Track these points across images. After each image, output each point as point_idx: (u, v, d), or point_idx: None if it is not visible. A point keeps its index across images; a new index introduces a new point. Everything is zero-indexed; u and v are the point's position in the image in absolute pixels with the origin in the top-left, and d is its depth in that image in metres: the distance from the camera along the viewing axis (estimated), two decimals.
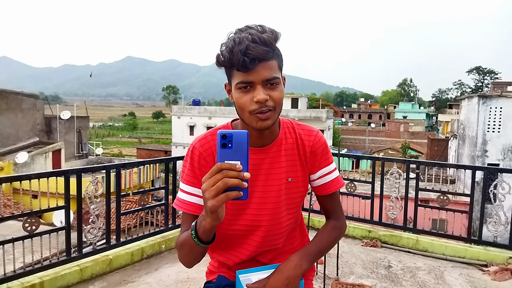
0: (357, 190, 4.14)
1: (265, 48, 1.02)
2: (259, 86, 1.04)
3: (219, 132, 0.91)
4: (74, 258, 2.96)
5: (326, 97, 79.05)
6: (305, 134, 1.23)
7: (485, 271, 3.29)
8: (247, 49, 1.00)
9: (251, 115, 1.06)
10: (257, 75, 1.03)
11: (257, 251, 1.23)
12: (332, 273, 3.13)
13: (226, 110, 30.22)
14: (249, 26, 1.07)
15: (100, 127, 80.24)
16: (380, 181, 4.02)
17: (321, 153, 1.24)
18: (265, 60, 1.03)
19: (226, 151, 0.90)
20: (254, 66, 1.02)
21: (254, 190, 1.18)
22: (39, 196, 2.44)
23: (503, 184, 3.41)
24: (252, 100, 1.04)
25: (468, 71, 63.45)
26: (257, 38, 1.02)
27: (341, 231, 1.29)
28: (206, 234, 0.97)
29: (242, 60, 1.00)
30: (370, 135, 43.79)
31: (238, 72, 1.04)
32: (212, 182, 0.87)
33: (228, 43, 1.04)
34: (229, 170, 0.88)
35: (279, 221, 1.22)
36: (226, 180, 0.86)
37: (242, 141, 0.91)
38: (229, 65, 1.05)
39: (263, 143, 1.18)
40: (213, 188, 0.87)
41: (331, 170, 1.26)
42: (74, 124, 19.44)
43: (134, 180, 6.43)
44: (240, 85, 1.05)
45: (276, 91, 1.06)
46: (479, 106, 13.56)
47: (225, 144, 0.90)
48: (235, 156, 0.90)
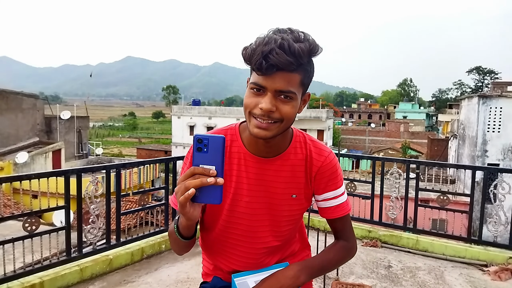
0: (357, 190, 4.15)
1: (289, 58, 0.94)
2: (270, 94, 0.98)
3: (195, 135, 0.91)
4: (74, 258, 2.96)
5: (326, 97, 79.02)
6: (316, 153, 1.15)
7: (485, 271, 3.29)
8: (269, 53, 0.93)
9: (250, 116, 1.02)
10: (272, 82, 0.97)
11: (251, 263, 1.19)
12: (332, 273, 3.12)
13: (226, 110, 30.23)
14: (291, 30, 0.99)
15: (100, 127, 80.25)
16: (380, 181, 4.02)
17: (329, 176, 1.15)
18: (285, 71, 0.96)
19: (202, 155, 0.90)
20: (271, 72, 0.95)
21: (254, 201, 1.14)
22: (39, 196, 2.44)
23: (503, 184, 3.41)
24: (258, 104, 0.99)
25: (468, 71, 63.41)
26: (286, 45, 0.94)
27: (349, 253, 1.22)
28: (184, 231, 1.03)
29: (260, 63, 0.94)
30: (370, 135, 43.78)
31: (255, 73, 0.99)
32: (182, 185, 0.89)
33: (258, 40, 0.98)
34: (202, 175, 0.88)
35: (278, 234, 1.19)
36: (188, 183, 0.88)
37: (217, 146, 0.90)
38: (248, 61, 1.00)
39: (268, 153, 1.12)
40: (181, 190, 0.88)
41: (338, 194, 1.17)
42: (74, 124, 19.43)
43: (134, 180, 6.42)
44: (253, 86, 1.00)
45: (287, 105, 0.99)
46: (479, 106, 13.55)
47: (201, 148, 0.89)
48: (210, 161, 0.89)
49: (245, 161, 1.12)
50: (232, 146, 1.14)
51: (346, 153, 5.20)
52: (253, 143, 1.11)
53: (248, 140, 1.12)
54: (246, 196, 1.13)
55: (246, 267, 1.19)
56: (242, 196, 1.13)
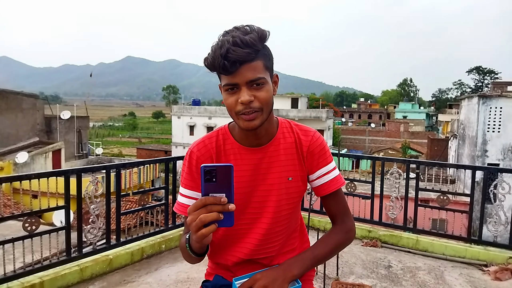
0: (357, 190, 4.15)
1: (245, 50, 1.02)
2: (244, 88, 1.05)
3: (203, 166, 0.92)
4: (74, 258, 2.96)
5: (326, 97, 79.02)
6: (302, 135, 1.23)
7: (485, 271, 3.29)
8: (228, 53, 1.01)
9: (237, 116, 1.09)
10: (241, 76, 1.04)
11: (257, 250, 1.23)
12: (332, 273, 3.13)
13: (226, 110, 30.17)
14: (237, 27, 1.07)
15: (100, 127, 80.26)
16: (380, 181, 4.02)
17: (318, 153, 1.23)
18: (248, 62, 1.03)
19: (211, 185, 0.92)
20: (236, 69, 1.03)
21: (254, 190, 1.19)
22: (39, 196, 2.44)
23: (503, 184, 3.41)
24: (237, 101, 1.06)
25: (468, 71, 63.44)
26: (238, 40, 1.01)
27: (347, 236, 1.25)
28: (197, 250, 1.06)
29: (223, 64, 1.01)
30: (370, 135, 43.78)
31: (222, 75, 1.07)
32: (195, 216, 0.91)
33: (213, 47, 1.05)
34: (213, 204, 0.91)
35: (279, 219, 1.23)
36: (203, 217, 0.90)
37: (226, 174, 0.92)
38: (212, 68, 1.06)
39: (259, 142, 1.18)
40: (194, 224, 0.91)
41: (330, 169, 1.24)
42: (74, 124, 19.44)
43: (134, 180, 6.43)
44: (226, 87, 1.07)
45: (261, 91, 1.07)
46: (479, 106, 13.56)
47: (210, 179, 0.92)
48: (220, 189, 0.92)
49: (240, 154, 1.19)
50: (225, 144, 1.21)
51: (346, 153, 5.19)
52: (244, 137, 1.18)
53: (239, 135, 1.19)
54: (247, 187, 1.18)
55: (251, 254, 1.23)
56: (243, 189, 1.18)
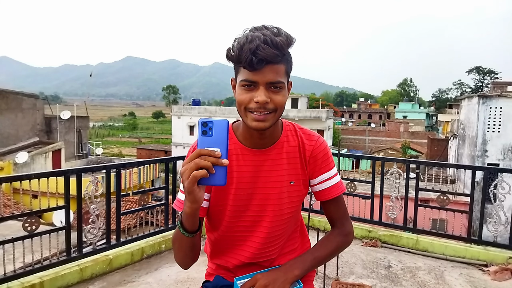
0: (357, 190, 4.14)
1: (275, 51, 1.02)
2: (262, 88, 1.05)
3: (200, 119, 0.95)
4: (74, 258, 2.96)
5: (326, 97, 79.02)
6: (306, 139, 1.23)
7: (485, 271, 3.29)
8: (257, 49, 1.00)
9: (246, 112, 1.08)
10: (262, 76, 1.03)
11: (257, 253, 1.23)
12: (332, 273, 3.13)
13: (226, 110, 30.20)
14: (266, 26, 1.07)
15: (100, 127, 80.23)
16: (380, 181, 4.02)
17: (321, 158, 1.22)
18: (273, 63, 1.03)
19: (206, 138, 0.94)
20: (261, 67, 1.02)
21: (255, 192, 1.18)
22: (39, 196, 2.43)
23: (503, 184, 3.41)
24: (252, 99, 1.05)
25: (468, 71, 63.40)
26: (269, 39, 1.02)
27: (345, 239, 1.27)
28: (189, 221, 1.02)
29: (250, 59, 1.01)
30: (370, 135, 43.77)
31: (244, 70, 1.05)
32: (188, 165, 0.92)
33: (240, 39, 1.04)
34: (207, 155, 0.92)
35: (280, 222, 1.22)
36: (197, 161, 0.91)
37: (222, 130, 0.94)
38: (236, 61, 1.06)
39: (263, 144, 1.18)
40: (188, 170, 0.91)
41: (331, 175, 1.24)
42: (74, 124, 19.43)
43: (134, 180, 6.42)
44: (244, 83, 1.06)
45: (278, 95, 1.07)
46: (479, 106, 13.55)
47: (206, 132, 0.94)
48: (215, 143, 0.94)
49: (243, 155, 1.18)
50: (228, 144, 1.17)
51: (346, 153, 5.19)
52: (249, 137, 1.17)
53: (243, 135, 1.18)
54: (248, 189, 1.18)
55: (254, 258, 1.23)
56: (244, 190, 1.17)
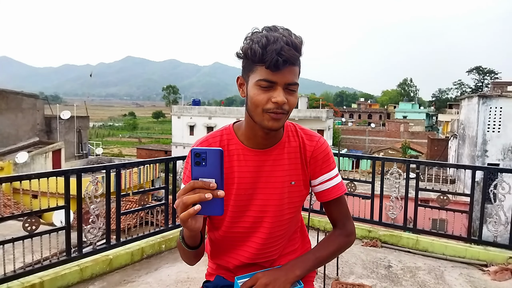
0: (357, 190, 4.15)
1: (296, 53, 1.04)
2: (280, 88, 1.05)
3: (192, 149, 0.91)
4: (74, 258, 2.96)
5: (326, 97, 79.03)
6: (307, 139, 1.22)
7: (485, 271, 3.29)
8: (282, 50, 1.00)
9: (263, 113, 1.06)
10: (282, 77, 1.04)
11: (258, 254, 1.22)
12: (332, 273, 3.13)
13: (226, 110, 30.21)
14: (277, 27, 1.07)
15: (100, 127, 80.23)
16: (380, 181, 4.02)
17: (322, 159, 1.22)
18: (293, 65, 1.05)
19: (200, 168, 0.90)
20: (284, 67, 1.03)
21: (256, 192, 1.18)
22: (39, 196, 2.43)
23: (503, 184, 3.41)
24: (270, 99, 1.05)
25: (468, 71, 63.40)
26: (290, 41, 1.03)
27: (348, 239, 1.26)
28: (189, 241, 1.06)
29: (276, 60, 1.00)
30: (370, 135, 43.77)
31: (263, 70, 1.03)
32: (182, 200, 0.89)
33: (261, 40, 1.02)
34: (202, 188, 0.89)
35: (281, 222, 1.22)
36: (186, 199, 0.88)
37: (216, 159, 0.90)
38: (259, 61, 1.03)
39: (265, 145, 1.17)
40: (180, 206, 0.89)
41: (332, 176, 1.23)
42: (74, 124, 19.44)
43: (134, 180, 6.42)
44: (262, 82, 1.04)
45: (293, 96, 1.08)
46: (479, 106, 13.56)
47: (199, 162, 0.90)
48: (209, 174, 0.90)
49: (244, 155, 1.17)
50: (229, 144, 1.19)
51: (346, 153, 5.19)
52: (251, 138, 1.16)
53: (245, 135, 1.18)
54: (249, 189, 1.17)
55: (254, 258, 1.23)
56: (245, 190, 1.17)
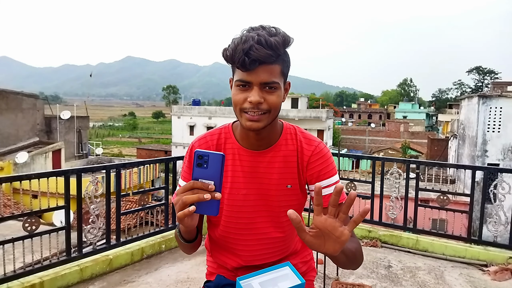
0: (357, 190, 4.14)
1: (268, 52, 1.01)
2: (256, 88, 1.04)
3: (196, 151, 0.93)
4: (74, 258, 2.96)
5: (326, 97, 79.04)
6: (305, 143, 1.19)
7: (485, 271, 3.29)
8: (250, 50, 1.00)
9: (241, 113, 1.08)
10: (256, 76, 1.03)
11: (255, 255, 1.22)
12: (332, 273, 3.13)
13: (226, 110, 30.20)
14: (263, 27, 1.07)
15: (100, 127, 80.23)
16: (380, 181, 4.02)
17: (320, 165, 1.18)
18: (267, 64, 1.03)
19: (201, 170, 0.93)
20: (254, 67, 1.02)
21: (250, 193, 1.18)
22: (39, 196, 2.43)
23: (503, 184, 3.41)
24: (246, 99, 1.05)
25: (468, 71, 63.40)
26: (263, 40, 1.01)
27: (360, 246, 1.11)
28: (186, 235, 1.08)
29: (243, 60, 1.01)
30: (370, 135, 43.77)
31: (238, 70, 1.06)
32: (181, 198, 0.92)
33: (235, 40, 1.04)
34: (200, 189, 0.91)
35: (278, 225, 1.21)
36: (185, 198, 0.90)
37: (217, 162, 0.93)
38: (230, 61, 1.06)
39: (260, 146, 1.17)
40: (179, 204, 0.92)
41: (330, 183, 1.16)
42: (74, 124, 19.43)
43: (134, 180, 6.42)
44: (238, 83, 1.06)
45: (273, 95, 1.06)
46: (479, 106, 13.56)
47: (201, 164, 0.93)
48: (209, 176, 0.93)
49: (239, 155, 1.18)
50: (226, 143, 1.20)
51: (346, 153, 5.19)
52: (246, 138, 1.17)
53: (241, 135, 1.18)
54: (242, 189, 1.18)
55: (252, 260, 1.22)
56: (239, 190, 1.18)
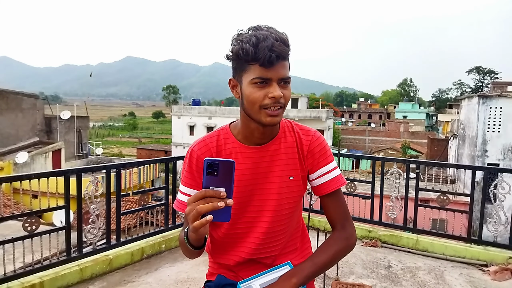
0: (357, 190, 4.14)
1: (286, 48, 1.07)
2: (275, 83, 1.08)
3: (206, 160, 0.94)
4: (74, 258, 2.96)
5: (326, 97, 78.97)
6: (303, 134, 1.24)
7: (485, 271, 3.29)
8: (273, 46, 1.04)
9: (261, 110, 1.09)
10: (276, 72, 1.07)
11: (258, 249, 1.23)
12: (332, 273, 3.13)
13: (226, 110, 30.20)
14: (261, 26, 1.10)
15: (100, 127, 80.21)
16: (380, 181, 4.02)
17: (318, 152, 1.23)
18: (284, 60, 1.08)
19: (212, 178, 0.94)
20: (277, 63, 1.06)
21: (256, 188, 1.20)
22: (39, 196, 2.44)
23: (503, 184, 3.41)
24: (266, 95, 1.07)
25: (468, 71, 63.42)
26: (278, 37, 1.06)
27: (347, 242, 1.22)
28: (195, 242, 1.07)
29: (269, 56, 1.03)
30: (370, 135, 43.77)
31: (256, 68, 1.06)
32: (193, 207, 0.93)
33: (250, 39, 1.05)
34: (212, 197, 0.92)
35: (280, 217, 1.23)
36: (200, 208, 0.91)
37: (227, 169, 0.94)
38: (252, 59, 1.05)
39: (262, 141, 1.19)
40: (192, 215, 0.93)
41: (330, 169, 1.23)
42: (74, 124, 19.44)
43: (134, 180, 6.41)
44: (257, 80, 1.07)
45: (287, 90, 1.11)
46: (479, 106, 13.55)
47: (211, 172, 0.93)
48: (220, 183, 0.93)
49: (242, 153, 1.19)
50: (226, 143, 1.21)
51: (346, 153, 5.20)
52: (248, 136, 1.19)
53: (241, 134, 1.20)
54: (248, 185, 1.19)
55: (253, 253, 1.23)
56: (245, 187, 1.19)
